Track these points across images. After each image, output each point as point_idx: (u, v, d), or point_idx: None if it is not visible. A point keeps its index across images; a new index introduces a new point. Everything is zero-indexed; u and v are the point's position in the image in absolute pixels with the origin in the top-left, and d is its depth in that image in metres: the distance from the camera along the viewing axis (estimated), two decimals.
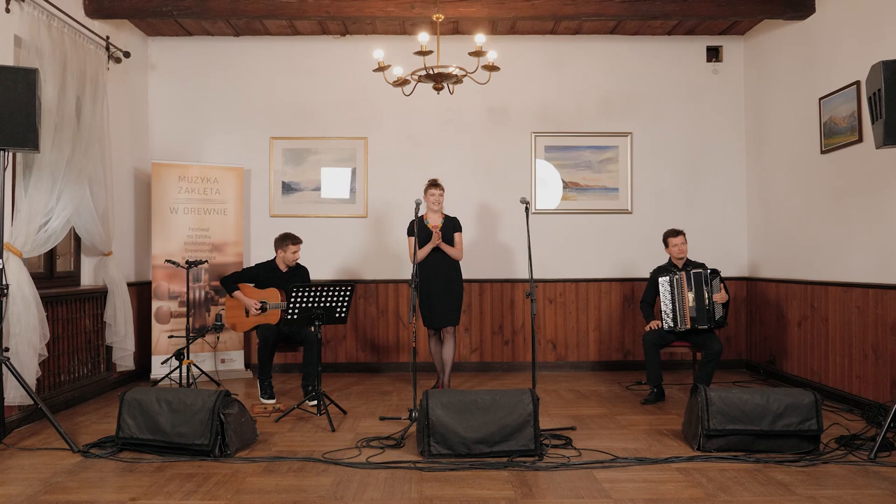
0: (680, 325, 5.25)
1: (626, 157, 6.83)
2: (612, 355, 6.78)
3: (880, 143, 3.86)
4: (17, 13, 4.59)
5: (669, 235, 5.48)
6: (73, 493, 3.33)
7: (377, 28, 6.60)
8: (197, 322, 6.28)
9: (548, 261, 6.71)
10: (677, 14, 5.81)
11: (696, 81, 6.87)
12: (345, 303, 4.86)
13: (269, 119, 6.84)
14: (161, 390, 4.04)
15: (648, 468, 3.66)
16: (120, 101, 6.10)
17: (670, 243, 5.45)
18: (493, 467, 3.66)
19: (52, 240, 4.82)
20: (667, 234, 5.50)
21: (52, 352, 4.91)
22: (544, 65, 6.86)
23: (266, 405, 5.16)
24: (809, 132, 5.64)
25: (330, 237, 6.77)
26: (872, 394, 4.83)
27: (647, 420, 4.74)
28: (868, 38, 4.91)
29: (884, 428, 3.80)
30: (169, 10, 5.71)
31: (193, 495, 3.28)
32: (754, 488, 3.34)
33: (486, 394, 3.91)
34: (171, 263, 5.88)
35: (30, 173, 4.69)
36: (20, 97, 3.89)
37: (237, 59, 6.84)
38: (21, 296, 4.36)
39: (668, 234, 5.49)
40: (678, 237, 5.43)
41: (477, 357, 6.78)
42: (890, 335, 4.66)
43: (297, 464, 3.75)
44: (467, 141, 6.84)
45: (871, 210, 4.88)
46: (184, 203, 6.36)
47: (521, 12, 5.76)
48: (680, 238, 5.43)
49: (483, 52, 4.84)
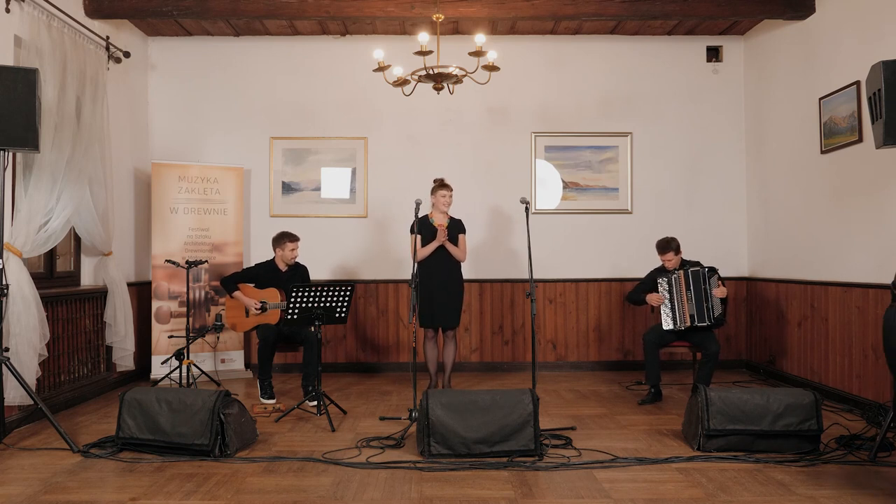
0: (679, 324, 5.25)
1: (626, 157, 6.83)
2: (612, 355, 6.78)
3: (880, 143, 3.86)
4: (17, 13, 4.58)
5: (659, 252, 5.41)
6: (73, 493, 3.33)
7: (377, 28, 6.60)
8: (197, 322, 6.28)
9: (548, 261, 6.70)
10: (677, 14, 5.81)
11: (696, 81, 6.87)
12: (345, 303, 4.86)
13: (269, 119, 6.84)
14: (161, 390, 4.04)
15: (648, 468, 3.66)
16: (120, 101, 6.10)
17: (660, 258, 5.43)
18: (493, 467, 3.66)
19: (52, 240, 4.82)
20: (657, 250, 5.43)
21: (52, 352, 4.91)
22: (544, 65, 6.86)
23: (266, 405, 5.16)
24: (809, 132, 5.64)
25: (330, 237, 6.77)
26: (872, 394, 4.83)
27: (647, 420, 4.74)
28: (868, 38, 4.91)
29: (884, 428, 3.79)
30: (169, 10, 5.71)
31: (193, 495, 3.28)
32: (754, 488, 3.34)
33: (486, 394, 3.91)
34: (171, 263, 5.88)
35: (30, 173, 4.69)
36: (20, 97, 3.88)
37: (237, 59, 6.84)
38: (21, 296, 4.36)
39: (659, 249, 5.42)
40: (667, 254, 5.36)
41: (477, 357, 6.78)
42: None
43: (297, 464, 3.75)
44: (467, 141, 6.84)
45: (871, 210, 4.88)
46: (184, 203, 6.36)
47: (521, 12, 5.76)
48: (669, 254, 5.35)
49: (483, 52, 4.84)
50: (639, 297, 5.50)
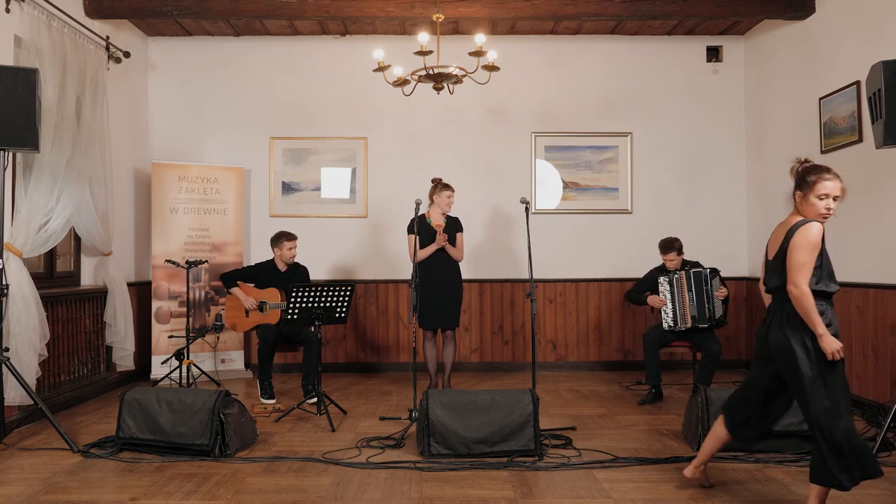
0: (680, 325, 5.25)
1: (626, 157, 6.83)
2: (612, 355, 6.78)
3: (880, 143, 3.86)
4: (17, 13, 4.58)
5: (662, 252, 5.43)
6: (73, 493, 3.33)
7: (377, 28, 6.60)
8: (197, 322, 6.28)
9: (548, 261, 6.70)
10: (677, 14, 5.82)
11: (696, 81, 6.87)
12: (345, 303, 4.86)
13: (269, 119, 6.84)
14: (161, 390, 4.05)
15: (648, 468, 3.66)
16: (120, 101, 6.10)
17: (662, 257, 5.44)
18: (493, 467, 3.66)
19: (52, 240, 4.82)
20: (660, 249, 5.45)
21: (52, 352, 4.91)
22: (544, 65, 6.86)
23: (266, 405, 5.16)
24: (809, 132, 5.64)
25: (330, 237, 6.77)
26: (872, 394, 4.83)
27: (647, 420, 4.74)
28: (868, 38, 4.91)
29: (884, 428, 3.80)
30: (169, 10, 5.71)
31: (193, 495, 3.29)
32: (754, 488, 3.34)
33: (486, 394, 3.92)
34: (171, 263, 5.88)
35: (30, 173, 4.69)
36: (20, 97, 3.89)
37: (237, 59, 6.84)
38: (21, 296, 4.36)
39: (662, 249, 5.44)
40: (670, 254, 5.38)
41: (477, 357, 6.78)
42: (890, 335, 4.66)
43: (297, 464, 3.75)
44: (467, 141, 6.84)
45: (871, 210, 4.88)
46: (184, 203, 6.36)
47: (521, 12, 5.76)
48: (671, 255, 5.37)
49: (483, 52, 4.84)
50: (640, 298, 5.49)
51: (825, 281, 2.85)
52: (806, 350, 2.81)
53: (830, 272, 2.88)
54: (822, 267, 2.85)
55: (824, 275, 2.86)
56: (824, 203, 2.89)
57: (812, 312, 2.78)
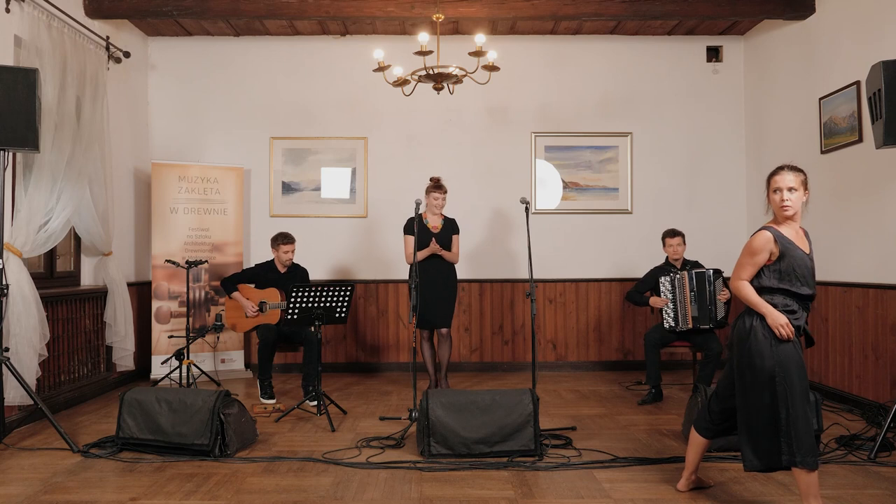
0: (681, 325, 5.25)
1: (625, 158, 6.83)
2: (612, 355, 6.78)
3: (880, 143, 3.87)
4: (17, 13, 4.58)
5: (667, 235, 5.52)
6: (73, 493, 3.33)
7: (377, 28, 6.60)
8: (197, 322, 6.28)
9: (548, 261, 6.70)
10: (677, 14, 5.82)
11: (696, 81, 6.87)
12: (345, 303, 4.86)
13: (269, 119, 6.84)
14: (161, 390, 4.05)
15: (648, 468, 3.66)
16: (120, 101, 6.10)
17: (667, 243, 5.49)
18: (493, 467, 3.66)
19: (52, 240, 4.82)
20: (665, 234, 5.54)
21: (52, 352, 4.91)
22: (544, 65, 6.86)
23: (266, 405, 5.16)
24: (809, 132, 5.64)
25: (330, 237, 6.77)
26: (872, 394, 4.83)
27: (647, 420, 4.74)
28: (868, 38, 4.91)
29: (884, 428, 3.80)
30: (169, 10, 5.71)
31: (193, 495, 3.28)
32: (754, 488, 3.34)
33: (486, 394, 3.92)
34: (171, 263, 5.88)
35: (30, 173, 4.69)
36: (20, 97, 3.89)
37: (237, 59, 6.83)
38: (21, 296, 4.36)
39: (667, 233, 5.53)
40: (675, 238, 5.46)
41: (477, 357, 6.78)
42: (890, 335, 4.66)
43: (297, 464, 3.75)
44: (467, 141, 6.84)
45: (871, 210, 4.88)
46: (184, 203, 6.36)
47: (521, 12, 5.76)
48: (677, 239, 5.45)
49: (483, 52, 4.84)
50: (641, 299, 5.50)
51: (790, 280, 2.91)
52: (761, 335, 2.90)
53: (801, 275, 2.91)
54: (782, 270, 2.91)
55: (787, 275, 2.90)
56: (778, 196, 2.96)
57: (751, 297, 2.92)
